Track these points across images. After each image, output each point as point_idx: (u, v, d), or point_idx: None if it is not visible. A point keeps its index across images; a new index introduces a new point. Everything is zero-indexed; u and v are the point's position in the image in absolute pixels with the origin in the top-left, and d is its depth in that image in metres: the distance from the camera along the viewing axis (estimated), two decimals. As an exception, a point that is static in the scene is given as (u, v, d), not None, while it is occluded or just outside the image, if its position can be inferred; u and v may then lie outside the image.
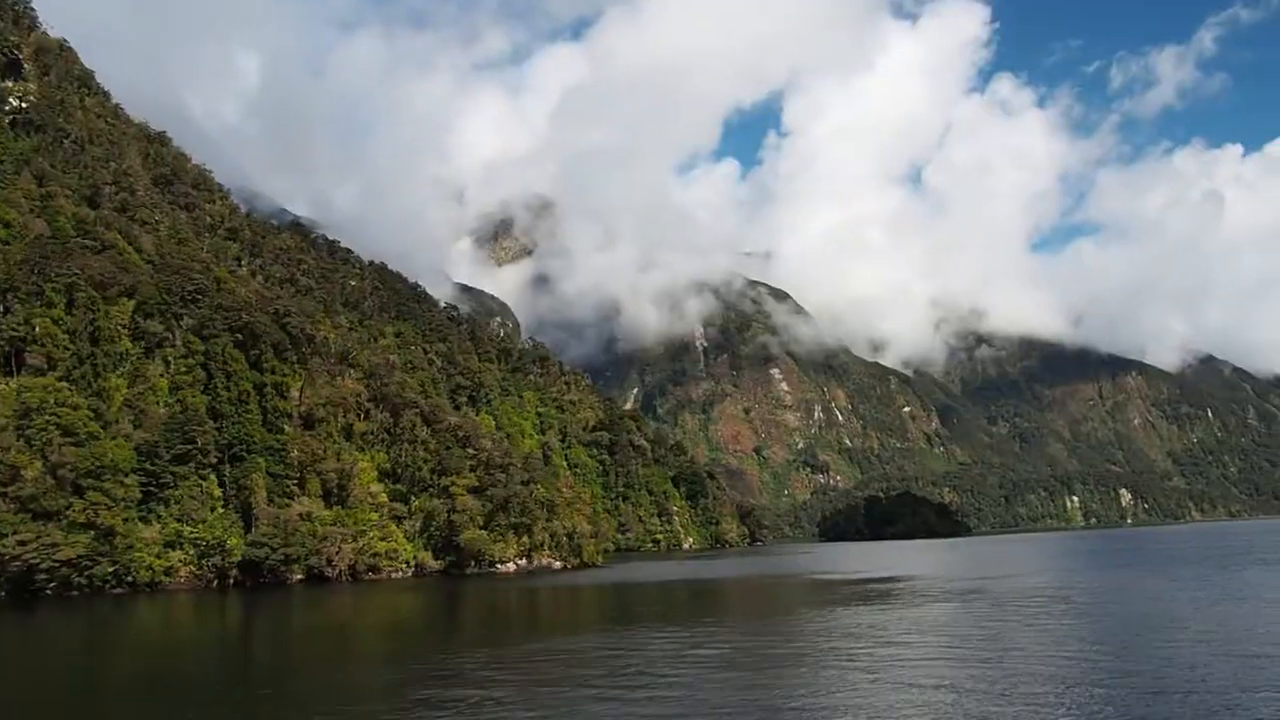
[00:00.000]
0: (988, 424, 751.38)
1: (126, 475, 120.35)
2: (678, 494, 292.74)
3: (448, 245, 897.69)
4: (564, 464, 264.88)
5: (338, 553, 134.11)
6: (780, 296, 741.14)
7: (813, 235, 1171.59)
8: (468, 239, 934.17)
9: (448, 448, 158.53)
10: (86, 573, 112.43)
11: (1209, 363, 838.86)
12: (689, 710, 35.73)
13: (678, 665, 46.42)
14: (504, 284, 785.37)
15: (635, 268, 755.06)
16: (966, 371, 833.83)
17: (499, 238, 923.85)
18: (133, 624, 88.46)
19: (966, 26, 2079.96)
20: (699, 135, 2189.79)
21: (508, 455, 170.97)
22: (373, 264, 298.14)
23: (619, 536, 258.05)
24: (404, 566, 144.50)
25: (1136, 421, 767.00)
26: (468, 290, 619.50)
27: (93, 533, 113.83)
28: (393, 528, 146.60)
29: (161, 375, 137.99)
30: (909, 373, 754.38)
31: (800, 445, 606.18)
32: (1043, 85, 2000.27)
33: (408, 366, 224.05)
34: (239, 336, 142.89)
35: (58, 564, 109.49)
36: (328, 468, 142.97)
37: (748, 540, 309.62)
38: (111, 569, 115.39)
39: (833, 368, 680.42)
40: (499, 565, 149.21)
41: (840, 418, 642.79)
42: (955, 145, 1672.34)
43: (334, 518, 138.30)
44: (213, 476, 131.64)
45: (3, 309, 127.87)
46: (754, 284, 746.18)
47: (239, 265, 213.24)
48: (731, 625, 69.40)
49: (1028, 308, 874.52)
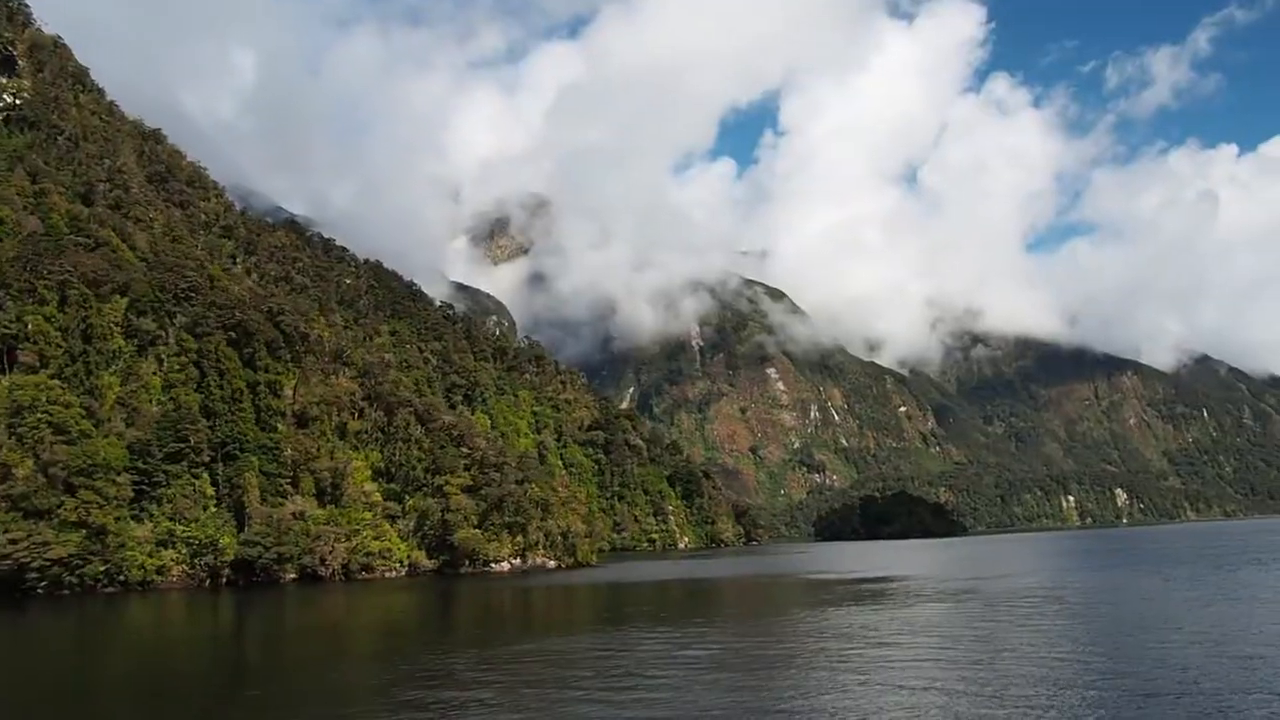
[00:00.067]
0: (983, 423, 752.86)
1: (119, 474, 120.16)
2: (673, 493, 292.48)
3: (443, 244, 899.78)
4: (559, 463, 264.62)
5: (331, 552, 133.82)
6: (776, 296, 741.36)
7: (809, 235, 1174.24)
8: (463, 237, 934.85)
9: (442, 447, 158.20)
10: (78, 571, 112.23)
11: (1204, 362, 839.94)
12: (676, 713, 35.44)
13: (667, 666, 46.15)
14: (500, 282, 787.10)
15: (631, 267, 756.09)
16: (962, 371, 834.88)
17: (495, 236, 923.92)
18: (124, 623, 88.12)
19: (962, 26, 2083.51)
20: (695, 134, 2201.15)
21: (502, 454, 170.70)
22: (368, 262, 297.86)
23: (614, 536, 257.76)
24: (397, 566, 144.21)
25: (1132, 421, 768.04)
26: (463, 289, 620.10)
27: (84, 531, 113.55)
28: (386, 527, 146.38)
29: (154, 373, 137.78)
30: (905, 372, 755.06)
31: (796, 445, 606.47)
32: (1038, 85, 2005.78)
33: (403, 365, 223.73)
34: (232, 334, 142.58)
35: (49, 563, 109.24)
36: (321, 466, 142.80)
37: (743, 540, 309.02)
38: (103, 568, 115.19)
39: (829, 367, 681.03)
40: (493, 565, 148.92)
41: (836, 417, 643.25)
42: (951, 145, 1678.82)
43: (327, 517, 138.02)
44: (205, 475, 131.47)
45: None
46: (750, 283, 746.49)
47: (233, 263, 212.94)
48: (723, 625, 69.10)
49: (1023, 307, 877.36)
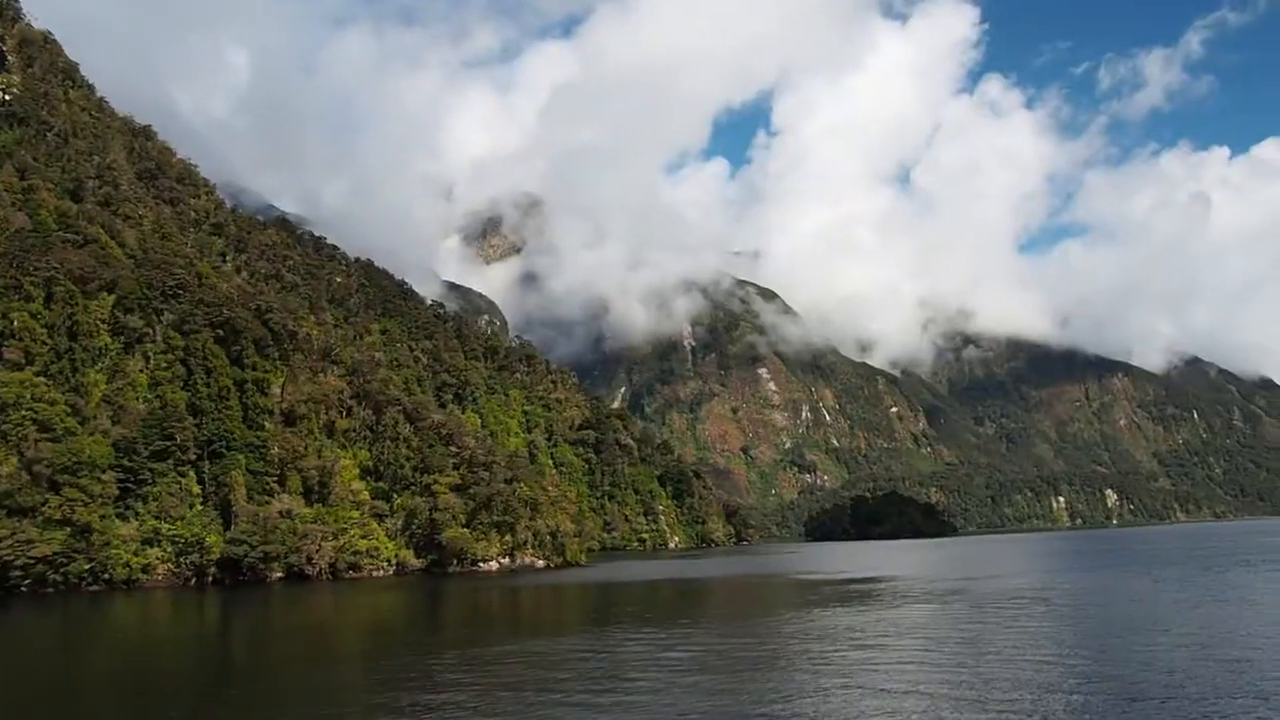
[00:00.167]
0: (974, 424, 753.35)
1: (104, 471, 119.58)
2: (664, 493, 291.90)
3: (436, 243, 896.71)
4: (550, 462, 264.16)
5: (318, 551, 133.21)
6: (768, 296, 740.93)
7: (801, 235, 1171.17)
8: (456, 236, 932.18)
9: (430, 445, 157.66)
10: (62, 570, 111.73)
11: (1195, 364, 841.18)
12: (653, 717, 35.01)
13: (648, 669, 45.71)
14: (492, 282, 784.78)
15: (624, 266, 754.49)
16: (954, 372, 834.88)
17: (487, 235, 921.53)
18: (109, 622, 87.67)
19: (956, 27, 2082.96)
20: (688, 134, 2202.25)
21: (491, 453, 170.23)
22: (359, 261, 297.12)
23: (604, 535, 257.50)
24: (385, 565, 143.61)
25: (1122, 423, 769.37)
26: (455, 288, 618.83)
27: (69, 529, 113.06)
28: (374, 526, 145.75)
29: (141, 371, 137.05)
30: (896, 373, 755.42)
31: (787, 445, 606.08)
32: (1031, 86, 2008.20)
33: (393, 364, 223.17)
34: (220, 332, 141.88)
35: (33, 560, 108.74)
36: (308, 465, 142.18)
37: (734, 540, 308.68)
38: (88, 566, 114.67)
39: (820, 368, 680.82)
40: (481, 564, 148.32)
41: (828, 417, 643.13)
42: (944, 146, 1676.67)
43: (314, 515, 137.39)
44: (192, 473, 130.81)
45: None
46: (742, 283, 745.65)
47: (223, 261, 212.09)
48: (708, 626, 68.71)
49: (1015, 309, 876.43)
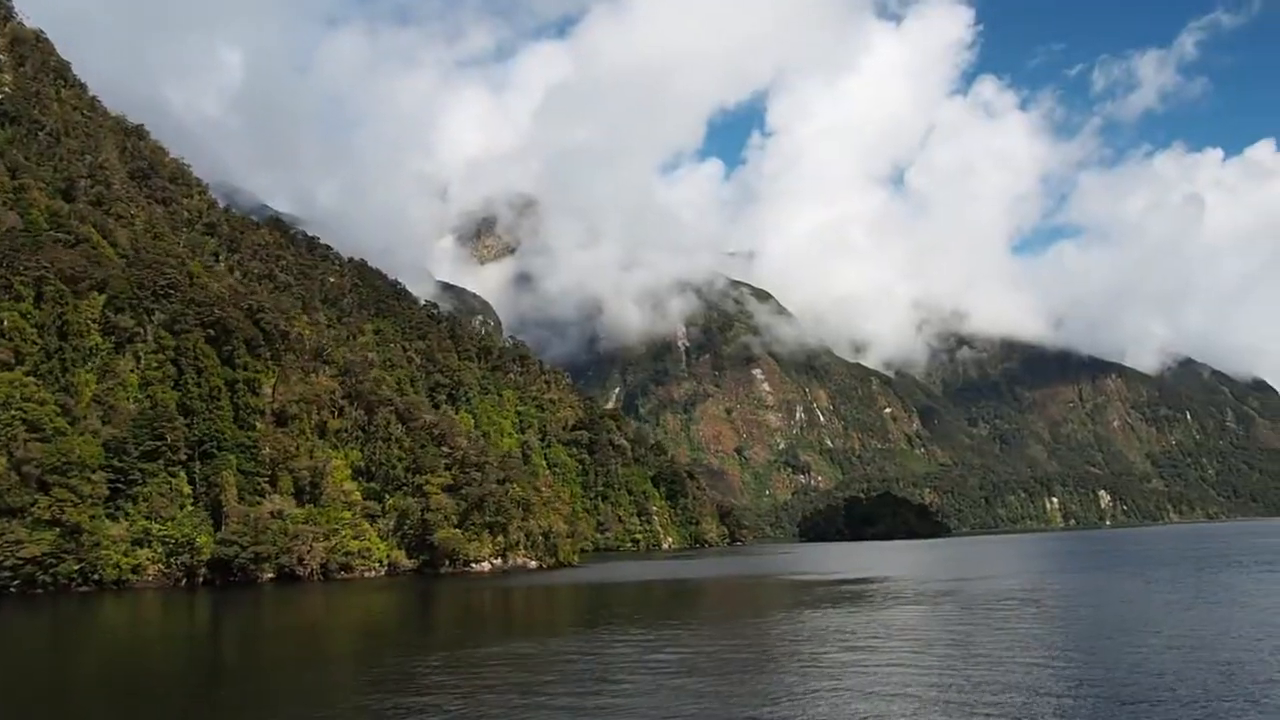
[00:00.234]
0: (968, 425, 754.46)
1: (94, 472, 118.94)
2: (657, 494, 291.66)
3: (430, 243, 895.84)
4: (543, 463, 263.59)
5: (309, 551, 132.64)
6: (763, 297, 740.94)
7: (796, 235, 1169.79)
8: (450, 237, 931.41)
9: (422, 446, 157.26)
10: (51, 570, 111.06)
11: (1188, 366, 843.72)
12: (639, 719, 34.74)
13: (636, 671, 45.41)
14: (486, 282, 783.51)
15: (618, 267, 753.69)
16: (948, 373, 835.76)
17: (481, 235, 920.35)
18: (98, 623, 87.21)
19: (950, 28, 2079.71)
20: (683, 135, 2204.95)
21: (483, 454, 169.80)
22: (352, 261, 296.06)
23: (598, 536, 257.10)
24: (377, 565, 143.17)
25: (1116, 424, 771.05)
26: (449, 288, 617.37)
27: (58, 530, 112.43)
28: (366, 526, 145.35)
29: (131, 371, 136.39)
30: (890, 374, 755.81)
31: (781, 445, 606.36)
32: (1025, 88, 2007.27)
33: (386, 364, 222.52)
34: (211, 332, 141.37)
35: (22, 561, 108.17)
36: (300, 465, 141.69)
37: (727, 540, 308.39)
38: (77, 567, 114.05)
39: (814, 368, 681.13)
40: (473, 565, 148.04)
41: (822, 418, 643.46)
42: (938, 147, 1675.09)
43: (306, 516, 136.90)
44: (182, 473, 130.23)
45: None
46: (736, 284, 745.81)
47: (216, 260, 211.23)
48: (698, 628, 68.42)
49: (1009, 310, 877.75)
